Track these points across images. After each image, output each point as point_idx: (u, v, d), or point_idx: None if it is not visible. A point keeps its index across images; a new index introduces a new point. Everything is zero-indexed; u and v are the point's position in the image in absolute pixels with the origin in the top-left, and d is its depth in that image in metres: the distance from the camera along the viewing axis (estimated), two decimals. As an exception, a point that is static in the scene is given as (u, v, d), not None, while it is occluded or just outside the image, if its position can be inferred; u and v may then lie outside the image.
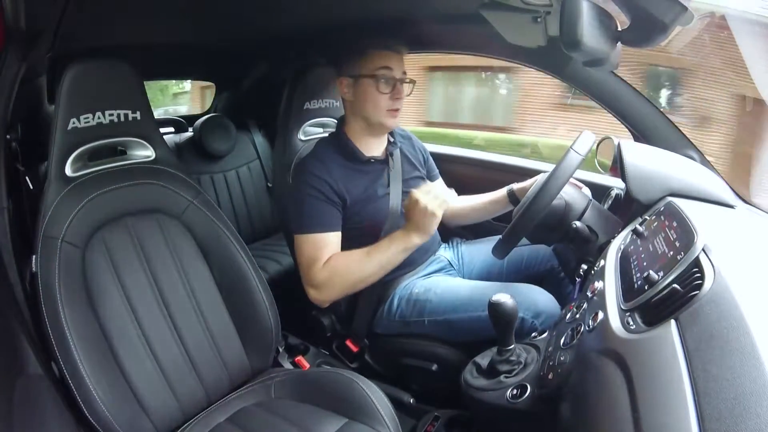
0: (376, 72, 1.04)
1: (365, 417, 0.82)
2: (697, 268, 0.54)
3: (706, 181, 0.91)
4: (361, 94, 1.06)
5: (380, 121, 1.08)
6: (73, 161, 0.82)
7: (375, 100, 1.05)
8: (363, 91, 1.06)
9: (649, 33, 0.68)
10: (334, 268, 0.99)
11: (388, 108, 1.06)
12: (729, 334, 0.42)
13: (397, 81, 1.06)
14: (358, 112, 1.09)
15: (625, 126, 1.15)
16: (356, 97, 1.07)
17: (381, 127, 1.10)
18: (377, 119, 1.07)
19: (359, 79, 1.06)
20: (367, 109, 1.07)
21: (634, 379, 0.46)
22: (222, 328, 0.93)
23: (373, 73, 1.04)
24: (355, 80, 1.06)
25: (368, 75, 1.04)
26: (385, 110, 1.06)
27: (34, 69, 0.92)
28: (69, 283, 0.76)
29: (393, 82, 1.05)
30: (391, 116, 1.07)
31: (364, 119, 1.09)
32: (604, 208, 1.05)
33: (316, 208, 1.02)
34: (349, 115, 1.12)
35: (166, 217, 0.91)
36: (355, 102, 1.08)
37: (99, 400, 0.73)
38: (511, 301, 0.77)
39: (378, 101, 1.05)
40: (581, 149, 0.89)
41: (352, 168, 1.09)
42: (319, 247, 1.00)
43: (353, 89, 1.07)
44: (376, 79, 1.04)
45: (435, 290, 1.07)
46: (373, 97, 1.05)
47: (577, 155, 0.88)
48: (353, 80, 1.07)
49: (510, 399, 0.76)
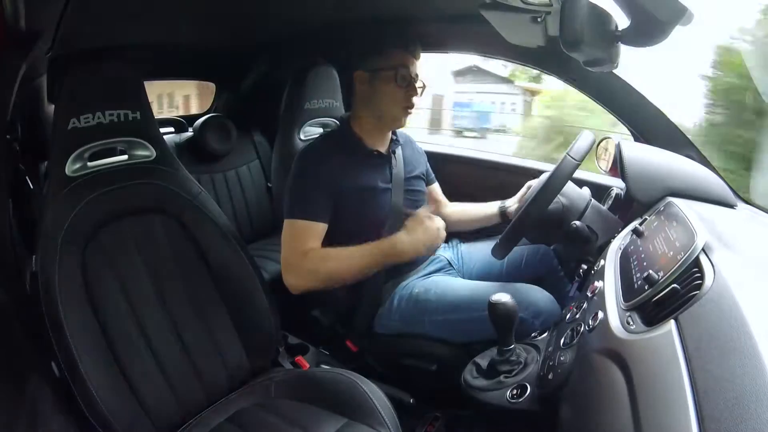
0: (396, 69, 1.06)
1: (365, 417, 0.82)
2: (697, 268, 0.54)
3: (706, 181, 0.91)
4: (379, 88, 1.08)
5: (394, 115, 1.10)
6: (73, 161, 0.82)
7: (392, 94, 1.08)
8: (381, 84, 1.08)
9: (649, 33, 0.68)
10: (317, 260, 1.00)
11: (404, 104, 1.09)
12: (729, 334, 0.42)
13: (412, 79, 1.08)
14: (372, 106, 1.11)
15: (625, 126, 1.15)
16: (373, 90, 1.09)
17: (393, 121, 1.12)
18: (392, 113, 1.10)
19: (377, 73, 1.07)
20: (384, 102, 1.09)
21: (634, 379, 0.46)
22: (222, 327, 0.93)
23: (390, 70, 1.06)
24: (372, 74, 1.08)
25: (387, 69, 1.07)
26: (401, 105, 1.09)
27: (34, 69, 0.92)
28: (69, 283, 0.76)
29: (410, 79, 1.08)
30: (405, 112, 1.10)
31: (377, 113, 1.11)
32: (604, 208, 1.05)
33: (308, 195, 1.03)
34: (360, 109, 1.14)
35: (166, 217, 0.91)
36: (372, 96, 1.10)
37: (99, 400, 0.73)
38: (511, 301, 0.77)
39: (395, 94, 1.08)
40: (577, 155, 0.89)
41: (353, 161, 1.10)
42: (303, 234, 1.02)
43: (369, 83, 1.09)
44: (395, 72, 1.06)
45: (435, 290, 1.07)
46: (391, 90, 1.07)
47: (573, 161, 0.89)
48: (370, 74, 1.08)
49: (510, 399, 0.76)
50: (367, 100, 1.11)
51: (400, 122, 1.12)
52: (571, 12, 0.62)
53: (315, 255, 1.00)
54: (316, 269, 1.00)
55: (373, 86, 1.09)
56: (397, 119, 1.11)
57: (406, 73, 1.07)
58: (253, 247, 1.69)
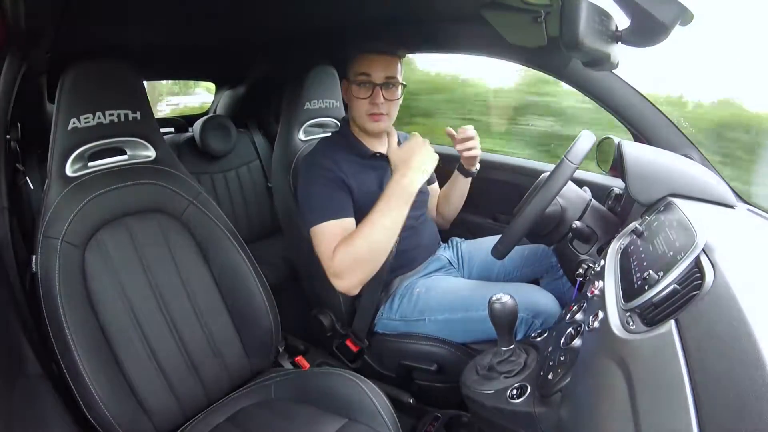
0: (356, 77, 1.06)
1: (365, 417, 0.82)
2: (697, 268, 0.54)
3: (706, 181, 0.91)
4: (348, 98, 1.10)
5: (363, 124, 1.10)
6: (73, 161, 0.82)
7: (356, 105, 1.08)
8: (348, 95, 1.10)
9: (649, 33, 0.68)
10: (343, 250, 0.95)
11: (368, 112, 1.07)
12: (729, 334, 0.42)
13: (376, 86, 1.05)
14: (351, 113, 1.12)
15: (625, 126, 1.15)
16: (348, 98, 1.11)
17: (364, 129, 1.11)
18: (360, 122, 1.10)
19: (347, 82, 1.09)
20: (353, 111, 1.10)
21: (634, 379, 0.46)
22: (222, 328, 0.93)
23: (354, 79, 1.07)
24: (347, 82, 1.10)
25: (350, 79, 1.08)
26: (365, 114, 1.08)
27: (34, 69, 0.92)
28: (69, 283, 0.76)
29: (371, 86, 1.05)
30: (372, 120, 1.08)
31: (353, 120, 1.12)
32: (604, 208, 1.05)
33: (328, 196, 1.01)
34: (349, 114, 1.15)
35: (166, 217, 0.91)
36: (348, 103, 1.12)
37: (99, 400, 0.73)
38: (511, 301, 0.77)
39: (358, 105, 1.07)
40: (576, 158, 0.89)
41: (359, 162, 1.10)
42: (336, 234, 0.98)
43: (345, 92, 1.12)
44: (356, 83, 1.06)
45: (435, 290, 1.07)
46: (354, 101, 1.08)
47: (571, 164, 0.89)
48: (346, 83, 1.10)
49: (510, 399, 0.76)
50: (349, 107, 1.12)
51: (369, 130, 1.10)
52: (571, 12, 0.62)
53: (341, 247, 0.96)
54: (351, 258, 0.94)
55: (347, 94, 1.10)
56: (365, 128, 1.10)
57: (365, 81, 1.05)
58: (253, 247, 1.69)
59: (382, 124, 1.09)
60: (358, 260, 0.95)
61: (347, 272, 0.95)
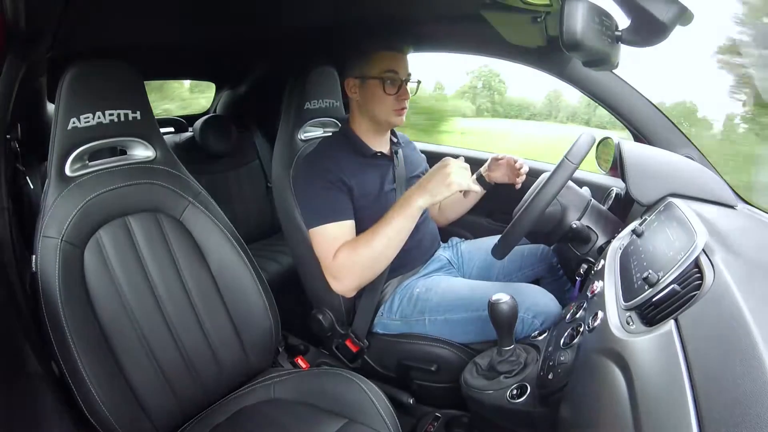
0: (383, 75, 1.06)
1: (365, 417, 0.82)
2: (697, 268, 0.54)
3: (706, 181, 0.91)
4: (369, 95, 1.08)
5: (388, 119, 1.10)
6: (73, 161, 0.82)
7: (382, 101, 1.07)
8: (370, 92, 1.08)
9: (649, 33, 0.68)
10: (345, 254, 0.98)
11: (395, 108, 1.08)
12: (729, 334, 0.42)
13: (402, 82, 1.07)
14: (365, 112, 1.11)
15: (625, 126, 1.15)
16: (364, 97, 1.09)
17: (388, 125, 1.12)
18: (385, 118, 1.10)
19: (366, 81, 1.07)
20: (375, 108, 1.09)
21: (634, 379, 0.46)
22: (221, 328, 0.93)
23: (380, 76, 1.06)
24: (362, 81, 1.08)
25: (375, 77, 1.06)
26: (392, 110, 1.08)
27: (34, 69, 0.92)
28: (69, 283, 0.76)
29: (399, 83, 1.07)
30: (398, 115, 1.10)
31: (371, 118, 1.11)
32: (604, 208, 1.05)
33: (329, 198, 1.02)
34: (356, 113, 1.14)
35: (165, 217, 0.91)
36: (363, 102, 1.10)
37: (99, 400, 0.73)
38: (511, 301, 0.77)
39: (385, 101, 1.07)
40: (575, 158, 0.89)
41: (361, 162, 1.10)
42: (334, 237, 1.00)
43: (360, 90, 1.09)
44: (382, 81, 1.06)
45: (435, 290, 1.07)
46: (380, 98, 1.07)
47: (571, 164, 0.89)
48: (360, 81, 1.08)
49: (510, 399, 0.76)
50: (362, 106, 1.11)
51: (395, 124, 1.12)
52: (571, 12, 0.62)
53: (343, 250, 0.99)
54: (352, 263, 0.98)
55: (364, 93, 1.09)
56: (391, 123, 1.11)
57: (395, 78, 1.06)
58: (253, 247, 1.69)
59: (403, 118, 1.11)
60: (359, 267, 0.98)
61: (346, 276, 0.99)
